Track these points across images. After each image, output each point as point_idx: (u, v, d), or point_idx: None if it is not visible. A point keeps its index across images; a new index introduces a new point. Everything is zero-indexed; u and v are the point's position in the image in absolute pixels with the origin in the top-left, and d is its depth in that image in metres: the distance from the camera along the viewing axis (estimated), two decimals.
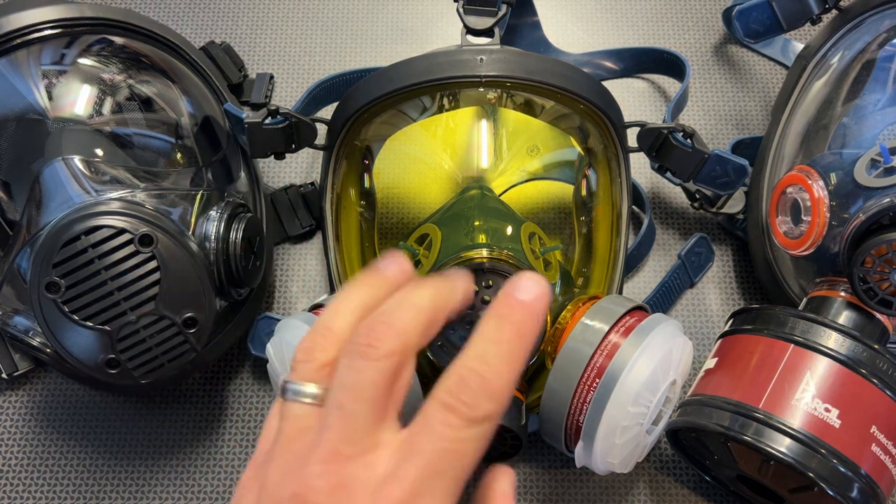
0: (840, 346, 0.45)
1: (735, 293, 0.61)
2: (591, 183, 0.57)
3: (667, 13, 0.72)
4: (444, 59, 0.49)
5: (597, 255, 0.55)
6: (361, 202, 0.57)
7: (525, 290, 0.29)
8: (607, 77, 0.69)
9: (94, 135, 0.51)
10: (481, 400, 0.27)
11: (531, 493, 0.54)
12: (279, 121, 0.52)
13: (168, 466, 0.56)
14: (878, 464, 0.44)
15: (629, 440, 0.44)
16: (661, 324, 0.46)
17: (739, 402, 0.45)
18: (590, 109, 0.51)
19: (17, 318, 0.52)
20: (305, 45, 0.71)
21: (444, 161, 0.60)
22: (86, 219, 0.44)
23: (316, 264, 0.62)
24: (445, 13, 0.72)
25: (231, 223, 0.51)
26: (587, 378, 0.44)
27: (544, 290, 0.30)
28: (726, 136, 0.67)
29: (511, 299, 0.29)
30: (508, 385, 0.28)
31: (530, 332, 0.29)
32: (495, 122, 0.58)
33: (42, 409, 0.57)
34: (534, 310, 0.29)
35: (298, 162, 0.66)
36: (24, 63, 0.51)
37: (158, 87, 0.55)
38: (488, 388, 0.27)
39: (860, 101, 0.55)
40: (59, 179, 0.48)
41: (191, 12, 0.72)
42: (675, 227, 0.64)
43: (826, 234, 0.48)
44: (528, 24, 0.66)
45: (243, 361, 0.59)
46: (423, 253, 0.49)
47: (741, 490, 0.53)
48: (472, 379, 0.27)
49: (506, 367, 0.28)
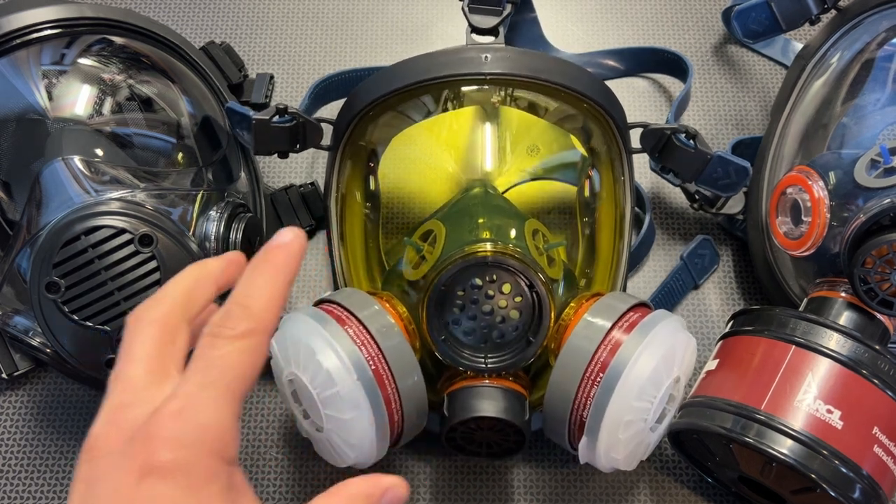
0: (841, 347, 0.45)
1: (735, 294, 0.61)
2: (594, 183, 0.57)
3: (667, 13, 0.72)
4: (449, 57, 0.49)
5: (600, 255, 0.55)
6: (366, 203, 0.57)
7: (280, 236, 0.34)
8: (609, 77, 0.69)
9: (94, 135, 0.51)
10: (241, 322, 0.32)
11: (532, 493, 0.54)
12: (286, 120, 0.52)
13: None
14: (880, 465, 0.44)
15: (633, 436, 0.44)
16: (663, 320, 0.46)
17: (741, 404, 0.45)
18: (593, 109, 0.51)
19: (17, 318, 0.52)
20: (305, 45, 0.71)
21: (447, 161, 0.60)
22: (86, 219, 0.44)
23: (316, 264, 0.62)
24: (446, 13, 0.72)
25: (231, 223, 0.51)
26: (590, 373, 0.44)
27: (299, 235, 0.35)
28: (726, 136, 0.67)
29: (267, 246, 0.34)
30: (268, 306, 0.33)
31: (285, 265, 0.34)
32: (499, 122, 0.58)
33: (42, 409, 0.57)
34: (288, 248, 0.34)
35: (299, 162, 0.66)
36: (24, 63, 0.51)
37: (158, 87, 0.55)
38: (248, 313, 0.32)
39: (859, 100, 0.55)
40: (59, 179, 0.47)
41: (191, 12, 0.72)
42: (675, 228, 0.64)
43: (826, 234, 0.48)
44: (527, 22, 0.66)
45: None
46: (427, 249, 0.49)
47: (743, 491, 0.53)
48: (235, 311, 0.32)
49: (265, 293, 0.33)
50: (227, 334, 0.32)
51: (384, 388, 0.44)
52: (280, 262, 0.34)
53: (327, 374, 0.43)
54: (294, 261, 0.34)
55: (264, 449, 0.56)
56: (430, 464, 0.55)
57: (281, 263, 0.34)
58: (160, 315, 0.34)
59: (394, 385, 0.45)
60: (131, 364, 0.33)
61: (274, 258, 0.34)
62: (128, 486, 0.29)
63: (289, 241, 0.34)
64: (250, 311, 0.32)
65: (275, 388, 0.58)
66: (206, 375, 0.31)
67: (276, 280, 0.34)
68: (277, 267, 0.34)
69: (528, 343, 0.47)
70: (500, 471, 0.55)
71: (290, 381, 0.46)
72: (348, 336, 0.45)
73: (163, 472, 0.29)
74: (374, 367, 0.44)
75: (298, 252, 0.35)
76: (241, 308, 0.33)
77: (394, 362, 0.45)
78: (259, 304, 0.33)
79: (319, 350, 0.44)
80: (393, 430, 0.46)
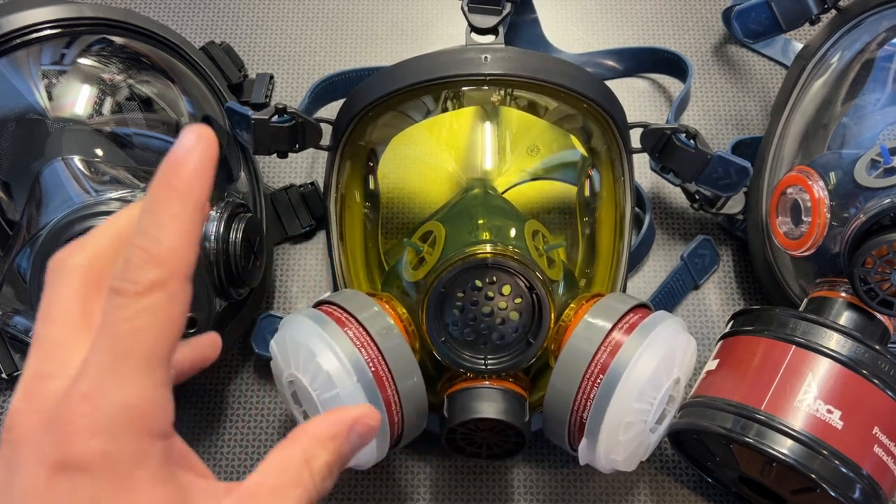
0: (841, 347, 0.45)
1: (735, 294, 0.61)
2: (594, 183, 0.57)
3: (667, 13, 0.72)
4: (449, 57, 0.49)
5: (600, 255, 0.55)
6: (366, 203, 0.57)
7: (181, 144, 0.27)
8: (609, 77, 0.69)
9: (94, 135, 0.51)
10: (146, 271, 0.26)
11: (532, 493, 0.54)
12: (286, 120, 0.52)
13: None
14: (881, 465, 0.44)
15: (633, 437, 0.44)
16: (664, 321, 0.46)
17: (741, 404, 0.45)
18: (593, 109, 0.51)
19: (17, 318, 0.52)
20: (305, 45, 0.71)
21: (447, 161, 0.60)
22: (86, 219, 0.44)
23: (316, 264, 0.62)
24: (446, 13, 0.72)
25: (231, 223, 0.51)
26: (590, 374, 0.44)
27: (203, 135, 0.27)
28: (726, 136, 0.67)
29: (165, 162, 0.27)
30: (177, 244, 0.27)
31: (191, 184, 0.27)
32: (499, 122, 0.58)
33: None
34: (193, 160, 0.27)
35: (298, 162, 0.66)
36: (24, 63, 0.51)
37: (158, 87, 0.55)
38: (152, 258, 0.26)
39: (859, 100, 0.55)
40: (59, 179, 0.47)
41: (191, 12, 0.72)
42: (675, 228, 0.64)
43: (826, 234, 0.48)
44: (527, 22, 0.66)
45: (244, 361, 0.59)
46: (426, 250, 0.49)
47: (743, 491, 0.53)
48: (135, 255, 0.26)
49: (169, 230, 0.26)
50: (132, 290, 0.26)
51: (384, 390, 0.44)
52: (185, 180, 0.27)
53: (327, 375, 0.43)
54: (204, 175, 0.27)
55: (264, 449, 0.56)
56: (430, 464, 0.55)
57: (186, 183, 0.27)
58: (84, 260, 0.29)
59: (394, 387, 0.45)
60: (50, 323, 0.28)
61: (175, 178, 0.27)
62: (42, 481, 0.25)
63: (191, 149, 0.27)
64: (155, 255, 0.26)
65: (275, 388, 0.58)
66: (115, 344, 0.26)
67: (183, 207, 0.27)
68: (182, 189, 0.27)
69: (528, 344, 0.47)
70: (500, 471, 0.55)
71: (289, 382, 0.46)
72: (348, 338, 0.45)
73: (79, 466, 0.25)
74: (373, 369, 0.44)
75: (206, 160, 0.27)
76: (144, 252, 0.26)
77: (394, 364, 0.45)
78: (166, 244, 0.26)
79: (319, 352, 0.44)
80: (393, 431, 0.46)
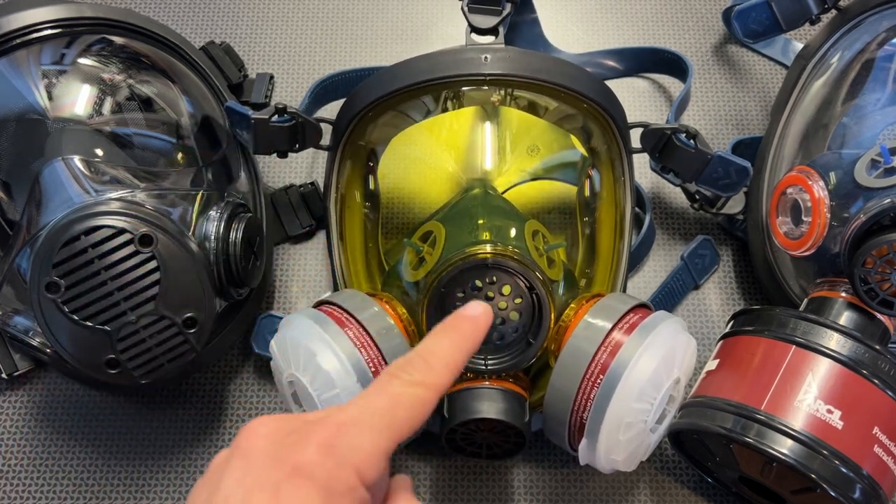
0: (841, 347, 0.45)
1: (735, 294, 0.61)
2: (594, 183, 0.57)
3: (667, 13, 0.72)
4: (449, 57, 0.49)
5: (600, 255, 0.55)
6: (366, 203, 0.57)
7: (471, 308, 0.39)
8: (609, 77, 0.69)
9: (94, 135, 0.51)
10: (418, 372, 0.35)
11: (533, 493, 0.54)
12: (285, 119, 0.52)
13: (168, 466, 0.55)
14: (881, 465, 0.44)
15: (633, 437, 0.44)
16: (664, 321, 0.46)
17: (741, 404, 0.45)
18: (593, 109, 0.51)
19: (17, 318, 0.52)
20: (305, 45, 0.71)
21: (447, 161, 0.60)
22: (86, 219, 0.44)
23: (316, 264, 0.62)
24: (446, 13, 0.72)
25: (231, 223, 0.51)
26: (591, 375, 0.44)
27: (486, 311, 0.39)
28: (726, 136, 0.67)
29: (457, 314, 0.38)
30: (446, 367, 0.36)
31: (470, 335, 0.38)
32: (499, 122, 0.58)
33: (42, 409, 0.57)
34: (476, 322, 0.38)
35: (299, 162, 0.66)
36: (24, 63, 0.51)
37: (158, 87, 0.55)
38: (427, 366, 0.36)
39: (860, 100, 0.55)
40: (59, 179, 0.47)
41: (191, 12, 0.72)
42: (676, 228, 0.64)
43: (826, 234, 0.48)
44: (527, 22, 0.66)
45: (244, 361, 0.59)
46: (427, 250, 0.49)
47: (743, 491, 0.53)
48: (416, 361, 0.36)
49: (446, 354, 0.36)
50: (405, 378, 0.35)
51: None
52: (466, 331, 0.38)
53: (327, 376, 0.43)
54: (479, 334, 0.38)
55: None
56: (430, 464, 0.55)
57: (467, 333, 0.38)
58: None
59: None
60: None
61: (461, 326, 0.38)
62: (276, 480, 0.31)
63: (477, 315, 0.38)
64: (429, 366, 0.36)
65: (275, 388, 0.58)
66: (376, 402, 0.34)
67: (459, 346, 0.37)
68: (463, 335, 0.38)
69: (528, 344, 0.47)
70: (500, 471, 0.55)
71: (290, 382, 0.46)
72: (348, 338, 0.45)
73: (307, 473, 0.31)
74: (374, 370, 0.44)
75: (484, 327, 0.38)
76: (422, 361, 0.36)
77: None
78: (439, 362, 0.36)
79: (319, 352, 0.44)
80: None
